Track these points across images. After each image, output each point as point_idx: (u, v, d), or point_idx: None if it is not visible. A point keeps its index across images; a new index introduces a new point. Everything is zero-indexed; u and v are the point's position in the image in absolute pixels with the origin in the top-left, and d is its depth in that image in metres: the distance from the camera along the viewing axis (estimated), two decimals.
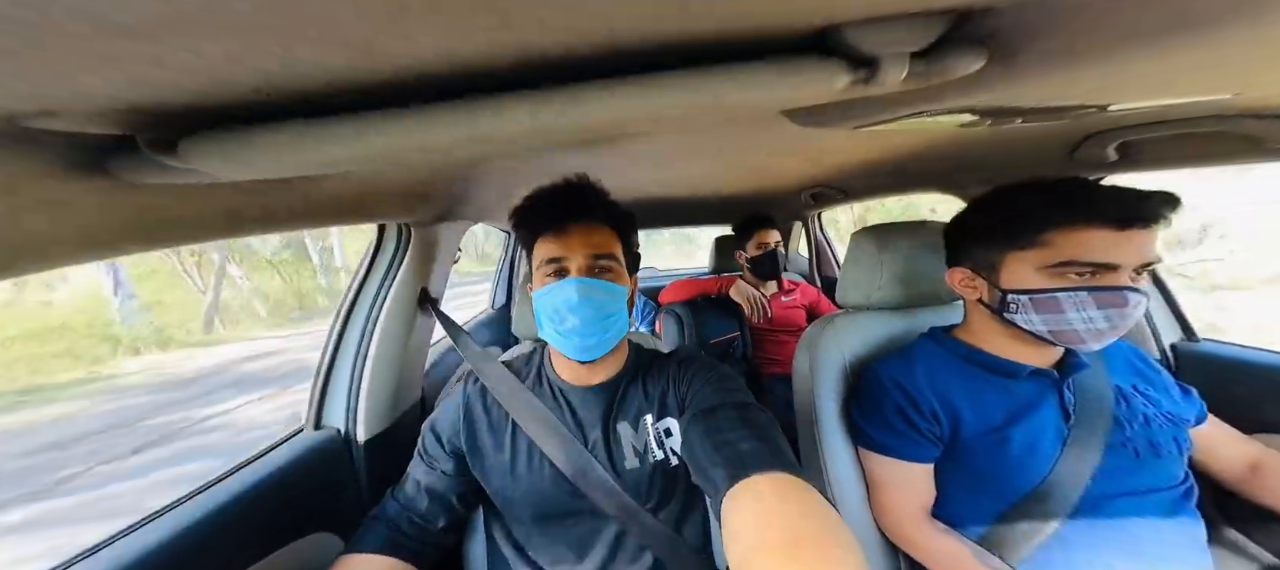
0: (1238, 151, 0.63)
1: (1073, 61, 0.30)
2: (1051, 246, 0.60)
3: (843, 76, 0.28)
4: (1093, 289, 0.58)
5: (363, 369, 0.92)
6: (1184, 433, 0.67)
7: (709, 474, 0.48)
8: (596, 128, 0.34)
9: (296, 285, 11.53)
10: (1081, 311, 0.59)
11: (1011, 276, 0.64)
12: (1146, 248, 0.57)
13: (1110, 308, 0.58)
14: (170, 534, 0.58)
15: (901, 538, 0.71)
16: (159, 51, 0.23)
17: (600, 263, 0.61)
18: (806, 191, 1.58)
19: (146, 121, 0.31)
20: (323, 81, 0.28)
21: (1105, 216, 0.57)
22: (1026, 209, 0.63)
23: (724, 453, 0.47)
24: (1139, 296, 0.57)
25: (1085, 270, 0.58)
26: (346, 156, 0.34)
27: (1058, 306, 0.60)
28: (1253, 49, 0.26)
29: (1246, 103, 0.46)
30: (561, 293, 0.59)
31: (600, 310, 0.59)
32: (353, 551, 0.63)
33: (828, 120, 0.49)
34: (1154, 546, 0.62)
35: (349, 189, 0.63)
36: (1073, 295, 0.59)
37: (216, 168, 0.32)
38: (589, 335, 0.59)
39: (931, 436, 0.70)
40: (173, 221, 0.43)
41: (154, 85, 0.26)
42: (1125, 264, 0.57)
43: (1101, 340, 0.60)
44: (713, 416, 0.54)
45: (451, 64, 0.28)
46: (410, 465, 0.71)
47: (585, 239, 0.61)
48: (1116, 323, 0.58)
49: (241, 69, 0.26)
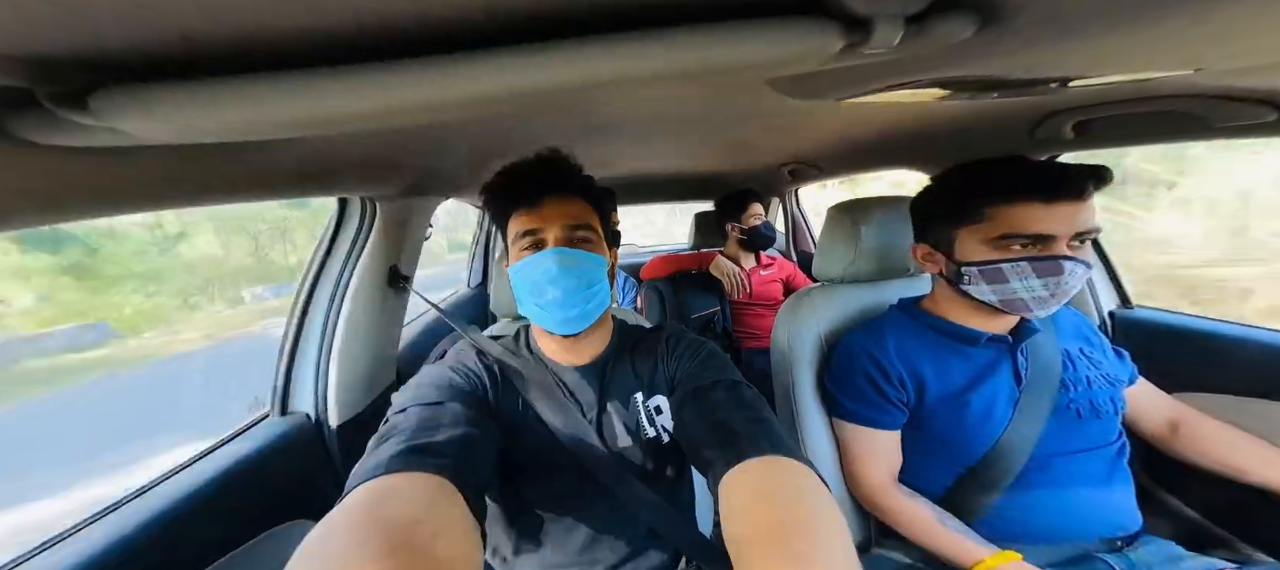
0: (1182, 130, 0.67)
1: (1055, 34, 0.30)
2: (993, 221, 0.64)
3: (837, 40, 0.27)
4: (1032, 259, 0.62)
5: (330, 351, 0.88)
6: (1119, 393, 0.72)
7: (703, 454, 0.49)
8: (574, 92, 0.31)
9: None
10: (1024, 280, 0.63)
11: (963, 250, 0.68)
12: (1079, 218, 0.60)
13: (1049, 276, 0.61)
14: (132, 526, 0.56)
15: (872, 503, 0.74)
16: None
17: (578, 234, 0.59)
18: (785, 168, 1.58)
19: (48, 71, 0.27)
20: (263, 32, 0.25)
21: (1036, 191, 0.61)
22: (971, 187, 0.67)
23: (717, 433, 0.49)
24: (1075, 264, 0.60)
25: (1025, 241, 0.62)
26: (292, 119, 0.30)
27: (1003, 277, 0.64)
28: (1212, 25, 0.27)
29: (1203, 79, 0.48)
30: (540, 265, 0.57)
31: (581, 280, 0.58)
32: (374, 476, 0.40)
33: (814, 91, 0.48)
34: (1091, 503, 0.67)
35: (302, 158, 0.58)
36: (1015, 266, 0.63)
37: (136, 127, 0.28)
38: (571, 306, 0.58)
39: (899, 403, 0.73)
40: (87, 190, 0.38)
41: (55, 27, 0.23)
42: (1060, 234, 0.61)
43: (1046, 307, 0.64)
44: (705, 397, 0.55)
45: (414, 18, 0.25)
46: (398, 417, 0.52)
47: (561, 210, 0.59)
48: (1056, 290, 0.62)
49: (163, 10, 0.22)
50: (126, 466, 3.10)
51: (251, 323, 7.30)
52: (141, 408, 4.73)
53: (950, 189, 0.71)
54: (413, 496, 0.39)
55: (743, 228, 1.66)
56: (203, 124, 0.29)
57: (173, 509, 0.61)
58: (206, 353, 6.62)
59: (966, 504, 0.69)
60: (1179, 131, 0.68)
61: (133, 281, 8.98)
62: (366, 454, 0.45)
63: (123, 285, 8.82)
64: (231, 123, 0.29)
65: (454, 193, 1.24)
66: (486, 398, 0.60)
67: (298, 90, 0.27)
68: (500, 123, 0.73)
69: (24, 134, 0.30)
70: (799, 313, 0.86)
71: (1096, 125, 0.72)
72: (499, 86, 0.28)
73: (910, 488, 0.73)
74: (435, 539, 0.35)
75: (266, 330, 6.42)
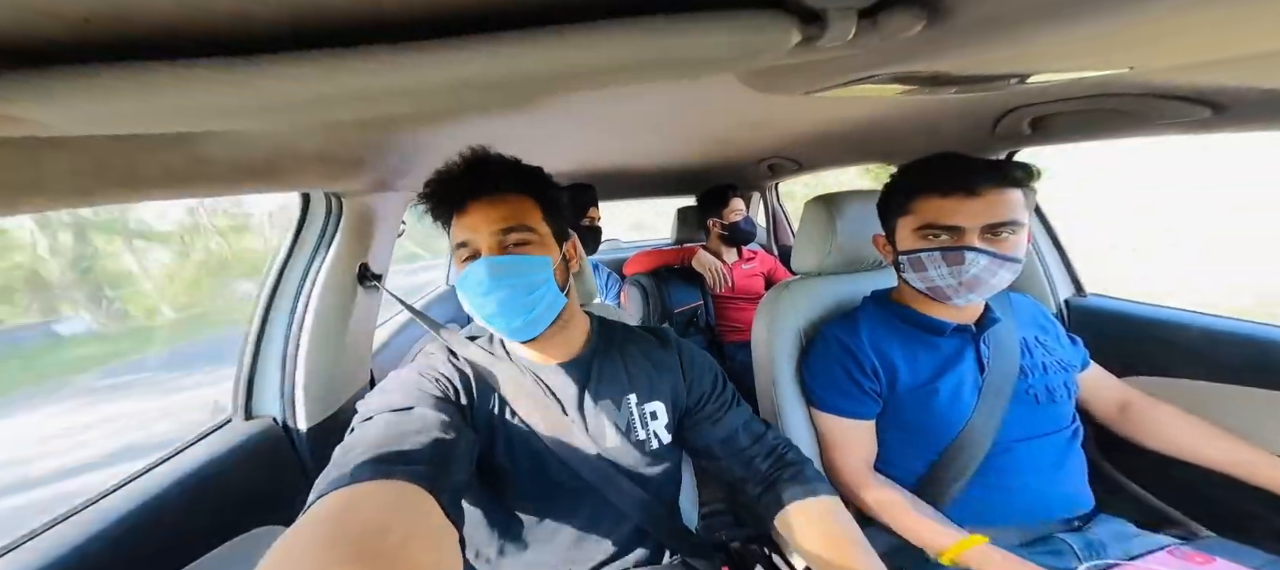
0: (1126, 126, 0.70)
1: (995, 31, 0.31)
2: (918, 213, 0.69)
3: (794, 32, 0.28)
4: (943, 249, 0.67)
5: (297, 353, 0.85)
6: (1072, 378, 0.76)
7: (748, 489, 0.65)
8: (531, 84, 0.30)
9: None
10: (937, 269, 0.68)
11: (901, 240, 0.73)
12: (990, 212, 0.64)
13: (955, 265, 0.66)
14: (86, 536, 0.54)
15: (848, 491, 0.76)
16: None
17: (512, 236, 0.56)
18: (764, 162, 1.59)
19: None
20: (186, 13, 0.23)
21: (948, 185, 0.66)
22: (905, 181, 0.72)
23: (764, 473, 0.65)
24: (978, 255, 0.64)
25: (937, 232, 0.67)
26: (220, 108, 0.28)
27: (923, 265, 0.69)
28: (1141, 27, 0.28)
29: (1136, 77, 0.50)
30: (473, 276, 0.55)
31: (517, 287, 0.55)
32: (338, 487, 0.39)
33: (781, 85, 0.49)
34: (1050, 485, 0.70)
35: (253, 151, 0.55)
36: (930, 254, 0.68)
37: (38, 115, 0.26)
38: (513, 316, 0.56)
39: (873, 393, 0.75)
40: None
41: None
42: (969, 225, 0.65)
43: (960, 295, 0.68)
44: (739, 440, 0.67)
45: (356, 4, 0.24)
46: (365, 426, 0.50)
47: (489, 214, 0.56)
48: (961, 278, 0.66)
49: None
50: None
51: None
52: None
53: (892, 184, 0.76)
54: (380, 504, 0.37)
55: (724, 223, 1.67)
56: (115, 112, 0.27)
57: (131, 517, 0.58)
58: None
59: (937, 489, 0.71)
60: (1126, 128, 0.72)
61: None
62: (331, 464, 0.43)
63: None
64: (146, 110, 0.26)
65: None
66: (459, 400, 0.58)
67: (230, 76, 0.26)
68: (470, 120, 0.71)
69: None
70: (778, 306, 0.87)
71: (1050, 122, 0.76)
72: (447, 77, 0.27)
73: (885, 475, 0.75)
74: (405, 545, 0.34)
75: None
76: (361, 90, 0.27)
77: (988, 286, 0.67)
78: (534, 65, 0.27)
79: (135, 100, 0.25)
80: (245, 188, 0.62)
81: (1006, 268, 0.66)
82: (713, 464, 0.68)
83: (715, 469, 0.68)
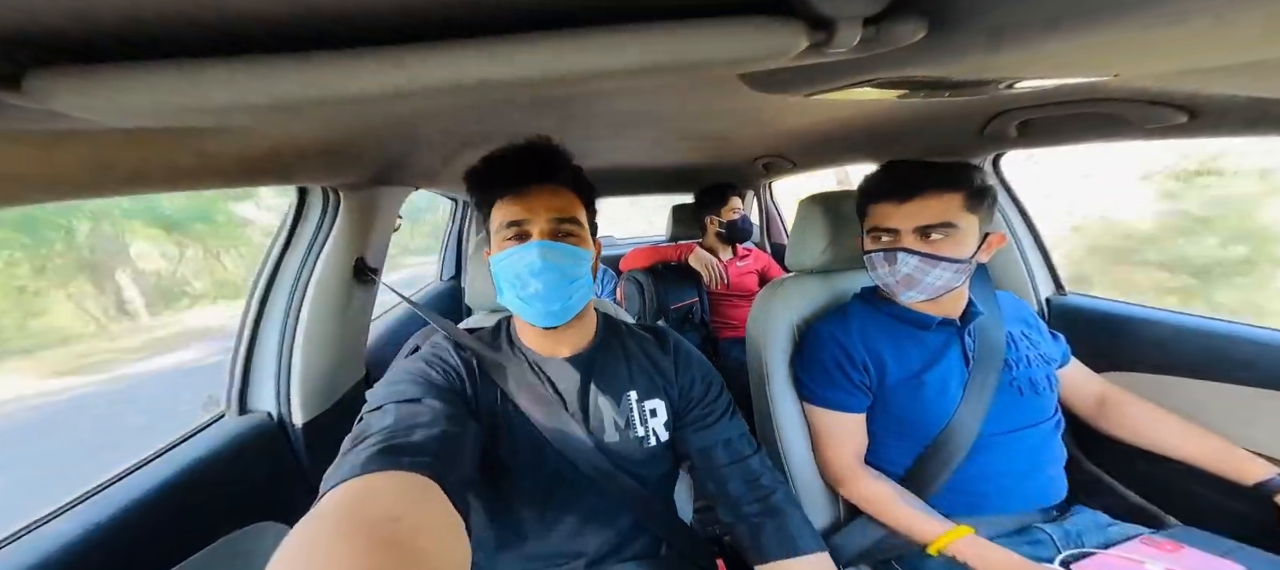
0: (1108, 130, 0.74)
1: (993, 39, 0.33)
2: (869, 216, 0.76)
3: (802, 38, 0.29)
4: (883, 250, 0.73)
5: (293, 347, 0.84)
6: (1053, 372, 0.79)
7: (722, 512, 0.66)
8: (542, 85, 0.31)
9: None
10: (881, 268, 0.74)
11: (865, 242, 0.79)
12: (920, 215, 0.69)
13: (890, 264, 0.72)
14: (77, 533, 0.53)
15: (840, 484, 0.78)
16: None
17: (563, 226, 0.59)
18: (759, 161, 1.61)
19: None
20: (214, 12, 0.23)
21: (883, 191, 0.73)
22: (863, 188, 0.78)
23: (745, 513, 0.64)
24: (909, 256, 0.70)
25: (882, 234, 0.73)
26: (240, 104, 0.28)
27: (873, 265, 0.76)
28: (1128, 37, 0.30)
29: (1120, 84, 0.52)
30: (524, 257, 0.57)
31: (564, 275, 0.57)
32: (350, 477, 0.39)
33: (784, 85, 0.50)
34: (1032, 475, 0.73)
35: (257, 145, 0.55)
36: (873, 256, 0.75)
37: (75, 109, 0.26)
38: (553, 300, 0.58)
39: (863, 386, 0.77)
40: (10, 177, 0.35)
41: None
42: (902, 228, 0.71)
43: (905, 291, 0.73)
44: (715, 456, 0.66)
45: (379, 4, 0.24)
46: (374, 415, 0.51)
47: (548, 202, 0.58)
48: (898, 276, 0.72)
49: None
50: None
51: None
52: None
53: (858, 189, 0.81)
54: (392, 495, 0.38)
55: (722, 221, 1.69)
56: (144, 107, 0.27)
57: (125, 512, 0.57)
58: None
59: (925, 480, 0.73)
60: (1107, 132, 0.74)
61: None
62: (341, 455, 0.44)
63: None
64: (173, 106, 0.27)
65: (424, 183, 1.20)
66: (465, 392, 0.59)
67: (248, 75, 0.26)
68: (472, 112, 0.71)
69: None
70: (772, 302, 0.88)
71: (1037, 125, 0.79)
72: (457, 77, 0.27)
73: (875, 467, 0.77)
74: (417, 535, 0.34)
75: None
76: (387, 89, 0.27)
77: (924, 285, 0.71)
78: (554, 67, 0.27)
79: (172, 96, 0.26)
80: (247, 182, 0.62)
81: (940, 267, 0.69)
82: (691, 471, 0.70)
83: (694, 475, 0.69)
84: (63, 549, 0.51)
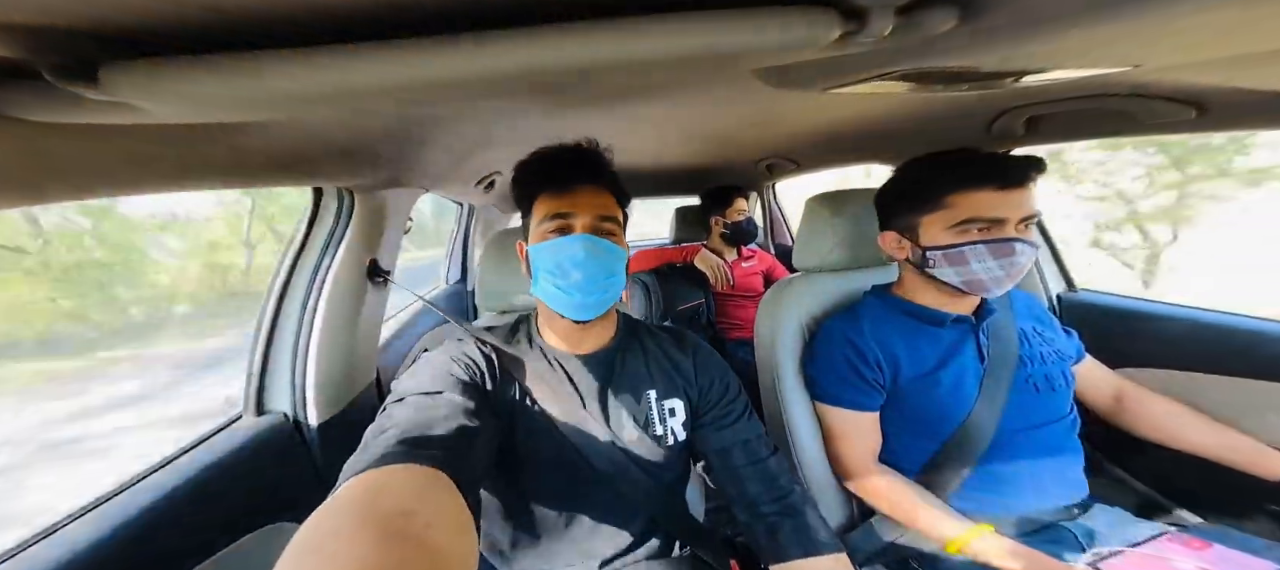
0: (1115, 126, 0.73)
1: (1021, 28, 0.33)
2: (954, 208, 0.69)
3: (835, 28, 0.29)
4: (988, 241, 0.67)
5: (308, 348, 0.84)
6: (1068, 368, 0.78)
7: (738, 512, 0.65)
8: (592, 72, 0.31)
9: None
10: (982, 262, 0.69)
11: (927, 236, 0.73)
12: (1026, 203, 0.67)
13: (1003, 257, 0.67)
14: (103, 531, 0.54)
15: (855, 482, 0.78)
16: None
17: (605, 225, 0.61)
18: (763, 162, 1.61)
19: (57, 44, 0.25)
20: (282, 6, 0.24)
21: (990, 179, 0.67)
22: (933, 178, 0.73)
23: (763, 514, 0.63)
24: (1025, 245, 0.67)
25: (982, 225, 0.68)
26: (289, 93, 0.29)
27: (964, 259, 0.69)
28: (1151, 26, 0.30)
29: (1130, 78, 0.53)
30: (567, 248, 0.58)
31: (603, 269, 0.59)
32: (367, 468, 0.40)
33: (800, 80, 0.50)
34: (1050, 473, 0.73)
35: (283, 144, 0.55)
36: (974, 248, 0.68)
37: (146, 101, 0.26)
38: (591, 292, 0.59)
39: (876, 385, 0.76)
40: (57, 171, 0.35)
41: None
42: (1010, 218, 0.67)
43: (1001, 286, 0.70)
44: (733, 457, 0.65)
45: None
46: (396, 406, 0.52)
47: (592, 200, 0.60)
48: (1009, 269, 0.68)
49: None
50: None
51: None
52: None
53: (913, 180, 0.76)
54: (406, 488, 0.38)
55: (727, 222, 1.69)
56: (206, 98, 0.28)
57: (145, 514, 0.58)
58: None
59: (941, 479, 0.73)
60: (1114, 128, 0.74)
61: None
62: (362, 446, 0.44)
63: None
64: (232, 97, 0.28)
65: (435, 186, 1.21)
66: (485, 386, 0.60)
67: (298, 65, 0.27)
68: (482, 115, 0.72)
69: (14, 110, 0.28)
70: (781, 302, 0.88)
71: (1044, 121, 0.78)
72: (497, 67, 0.28)
73: (890, 466, 0.76)
74: (429, 530, 0.35)
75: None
76: (417, 78, 0.28)
77: (1021, 276, 0.70)
78: (595, 54, 0.28)
79: (233, 87, 0.26)
80: (271, 181, 0.63)
81: (1033, 256, 0.69)
82: (708, 472, 0.70)
83: (711, 475, 0.70)
84: (90, 547, 0.51)
